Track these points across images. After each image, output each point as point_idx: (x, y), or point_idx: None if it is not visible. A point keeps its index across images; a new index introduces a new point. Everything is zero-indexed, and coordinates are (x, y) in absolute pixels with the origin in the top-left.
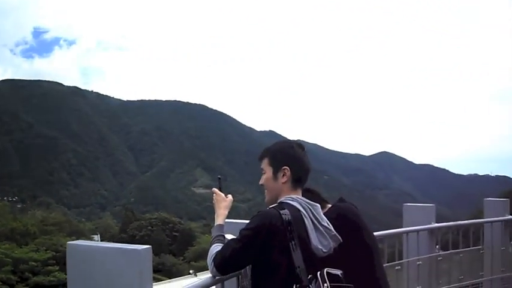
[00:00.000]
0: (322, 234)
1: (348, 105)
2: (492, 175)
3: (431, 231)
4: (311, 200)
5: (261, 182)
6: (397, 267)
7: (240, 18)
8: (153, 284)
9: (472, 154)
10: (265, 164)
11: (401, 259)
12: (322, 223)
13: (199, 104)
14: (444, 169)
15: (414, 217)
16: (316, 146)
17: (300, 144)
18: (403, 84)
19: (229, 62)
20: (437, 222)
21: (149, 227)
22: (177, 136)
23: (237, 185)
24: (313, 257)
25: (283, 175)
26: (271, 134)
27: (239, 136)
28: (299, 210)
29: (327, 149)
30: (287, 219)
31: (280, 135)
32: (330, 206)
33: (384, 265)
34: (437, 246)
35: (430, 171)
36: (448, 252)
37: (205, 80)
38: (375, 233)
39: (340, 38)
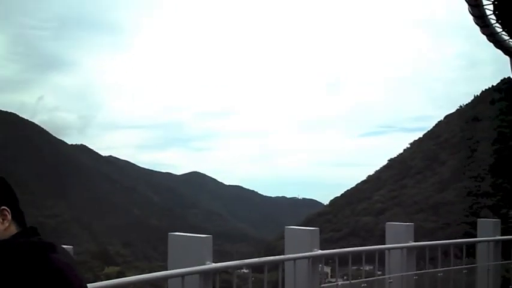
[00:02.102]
0: None
1: (159, 124)
2: (299, 198)
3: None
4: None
5: None
6: None
7: None
8: None
9: (280, 178)
10: None
11: None
12: None
13: (10, 112)
14: (253, 191)
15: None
16: (127, 163)
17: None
18: (214, 105)
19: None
20: (244, 241)
21: None
22: None
23: (45, 200)
24: None
25: (4, 219)
26: (82, 147)
27: (49, 148)
28: None
29: (138, 166)
30: None
31: (92, 150)
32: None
33: None
34: None
35: (239, 192)
36: None
37: (16, 85)
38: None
39: None
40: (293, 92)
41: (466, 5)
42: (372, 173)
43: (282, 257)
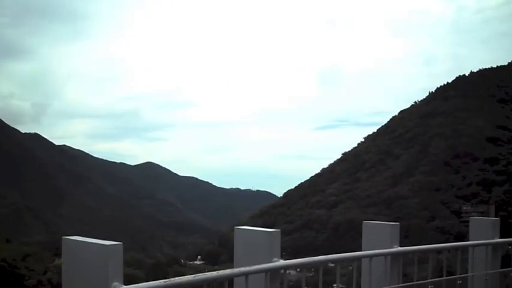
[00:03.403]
0: None
1: (114, 114)
2: (253, 190)
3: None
4: None
5: None
6: None
7: None
8: None
9: (234, 169)
10: None
11: None
12: None
13: None
14: (207, 182)
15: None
16: (81, 153)
17: None
18: (171, 96)
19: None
20: (198, 233)
21: None
22: None
23: None
24: None
25: None
26: (36, 136)
27: (2, 137)
28: None
29: (92, 156)
30: None
31: (46, 139)
32: None
33: None
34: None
35: (193, 183)
36: None
37: None
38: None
39: None
40: (250, 84)
41: (426, 4)
42: (325, 166)
43: (230, 271)
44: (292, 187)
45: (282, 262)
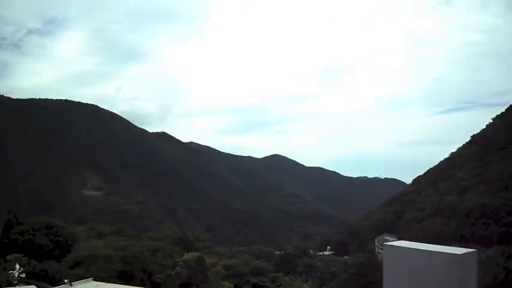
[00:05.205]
0: None
1: (238, 109)
2: (381, 178)
3: None
4: None
5: None
6: None
7: None
8: None
9: (361, 157)
10: None
11: None
12: None
13: (91, 104)
14: (334, 172)
15: None
16: (208, 149)
17: None
18: (293, 89)
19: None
20: (326, 223)
21: (31, 232)
22: (69, 137)
23: (128, 187)
24: None
25: None
26: (164, 135)
27: (131, 137)
28: None
29: (218, 151)
30: None
31: (173, 138)
32: None
33: None
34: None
35: (320, 174)
36: None
37: (95, 78)
38: None
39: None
40: (370, 72)
41: None
42: (454, 150)
43: None
44: (421, 173)
45: None
